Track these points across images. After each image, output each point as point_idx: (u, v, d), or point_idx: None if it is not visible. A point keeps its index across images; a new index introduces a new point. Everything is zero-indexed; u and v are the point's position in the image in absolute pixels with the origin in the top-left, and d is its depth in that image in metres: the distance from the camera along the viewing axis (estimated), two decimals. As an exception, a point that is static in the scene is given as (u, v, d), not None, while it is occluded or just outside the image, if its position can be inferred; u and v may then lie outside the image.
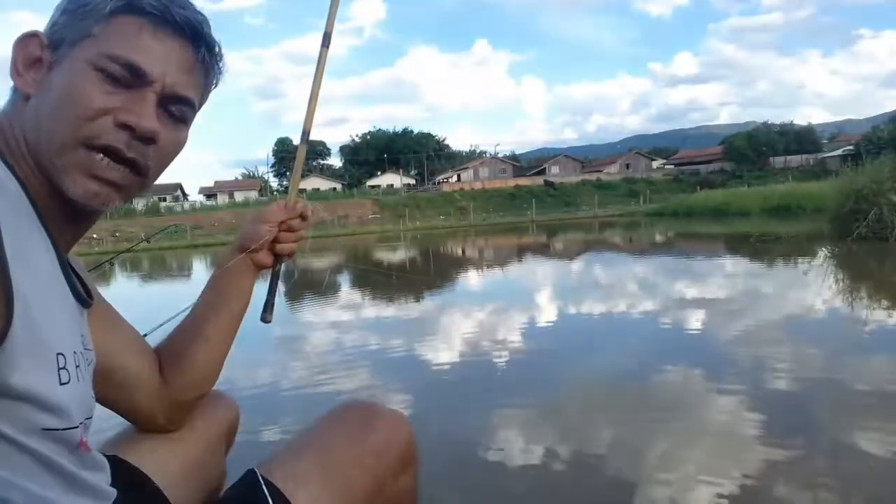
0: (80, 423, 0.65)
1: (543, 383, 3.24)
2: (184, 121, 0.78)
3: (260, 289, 1.04)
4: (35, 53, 0.70)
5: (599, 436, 2.39)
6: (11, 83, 0.72)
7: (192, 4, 0.75)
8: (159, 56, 0.71)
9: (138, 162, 0.72)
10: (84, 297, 0.75)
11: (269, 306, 1.04)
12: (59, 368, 0.61)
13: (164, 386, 0.95)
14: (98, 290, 0.87)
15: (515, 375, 3.46)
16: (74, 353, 0.66)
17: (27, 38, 0.71)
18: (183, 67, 0.74)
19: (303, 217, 1.04)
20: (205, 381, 0.99)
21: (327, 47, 1.05)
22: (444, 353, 4.06)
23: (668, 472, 2.00)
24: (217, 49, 0.79)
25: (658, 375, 3.22)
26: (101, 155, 0.69)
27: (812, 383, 2.92)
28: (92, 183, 0.69)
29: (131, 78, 0.69)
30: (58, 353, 0.62)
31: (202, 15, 0.76)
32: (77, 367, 0.65)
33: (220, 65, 0.81)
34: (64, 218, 0.71)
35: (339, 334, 5.06)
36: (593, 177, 61.13)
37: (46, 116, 0.68)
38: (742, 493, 1.81)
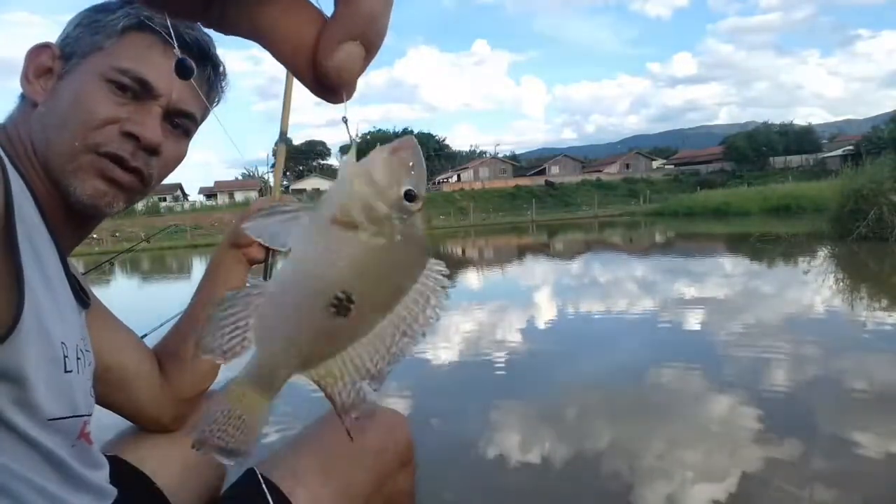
0: (83, 414, 0.67)
1: (543, 382, 3.24)
2: (186, 134, 0.81)
3: None
4: (46, 64, 0.73)
5: (600, 432, 2.40)
6: (21, 90, 0.74)
7: (199, 26, 0.78)
8: (167, 72, 0.73)
9: (142, 171, 0.74)
10: (83, 298, 0.76)
11: None
12: (64, 357, 0.63)
13: (165, 385, 0.96)
14: (94, 294, 0.88)
15: (515, 375, 3.46)
16: (76, 346, 0.67)
17: (39, 49, 0.73)
18: (189, 84, 0.76)
19: None
20: (205, 377, 1.01)
21: None
22: (442, 352, 4.07)
23: (668, 470, 2.00)
24: (221, 69, 0.84)
25: (658, 373, 3.22)
26: (109, 160, 0.72)
27: (811, 383, 2.93)
28: (101, 183, 0.71)
29: (140, 91, 0.72)
30: (61, 342, 0.63)
31: (209, 36, 0.79)
32: (78, 359, 0.67)
33: (224, 83, 0.86)
34: (66, 222, 0.73)
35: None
36: (593, 177, 61.06)
37: (55, 123, 0.70)
38: (743, 491, 1.82)
